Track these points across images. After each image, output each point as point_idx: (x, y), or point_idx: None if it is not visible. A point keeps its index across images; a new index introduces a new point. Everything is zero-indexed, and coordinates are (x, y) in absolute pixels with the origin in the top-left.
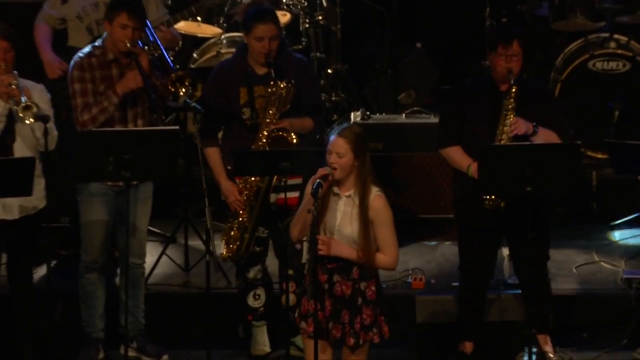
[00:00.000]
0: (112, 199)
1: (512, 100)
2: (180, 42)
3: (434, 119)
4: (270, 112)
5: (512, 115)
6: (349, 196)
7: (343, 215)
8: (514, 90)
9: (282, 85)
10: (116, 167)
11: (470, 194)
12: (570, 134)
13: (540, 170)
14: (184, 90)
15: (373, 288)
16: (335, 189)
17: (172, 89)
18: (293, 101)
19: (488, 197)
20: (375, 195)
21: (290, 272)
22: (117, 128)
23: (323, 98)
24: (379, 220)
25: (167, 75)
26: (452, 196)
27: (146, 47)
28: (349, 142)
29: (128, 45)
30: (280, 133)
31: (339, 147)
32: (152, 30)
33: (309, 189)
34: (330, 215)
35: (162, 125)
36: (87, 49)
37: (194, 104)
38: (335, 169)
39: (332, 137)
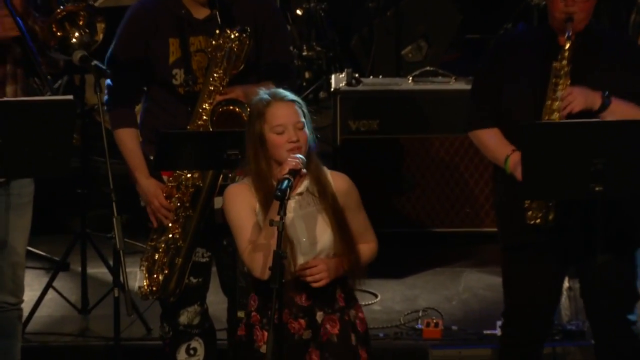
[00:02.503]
0: None
1: (565, 62)
2: None
3: (455, 85)
4: (215, 75)
5: (565, 85)
6: (302, 193)
7: (311, 220)
8: (567, 47)
9: (232, 36)
10: None
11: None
12: None
13: (614, 161)
14: (77, 34)
15: (361, 315)
16: None
17: (60, 33)
18: (249, 59)
19: (531, 204)
20: (334, 174)
21: (242, 314)
22: None
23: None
24: (352, 204)
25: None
26: (495, 200)
27: None
28: (301, 107)
29: None
30: (231, 107)
31: (296, 116)
32: None
33: (234, 200)
34: (290, 224)
35: (49, 95)
36: None
37: (96, 61)
38: (300, 148)
39: (275, 107)
